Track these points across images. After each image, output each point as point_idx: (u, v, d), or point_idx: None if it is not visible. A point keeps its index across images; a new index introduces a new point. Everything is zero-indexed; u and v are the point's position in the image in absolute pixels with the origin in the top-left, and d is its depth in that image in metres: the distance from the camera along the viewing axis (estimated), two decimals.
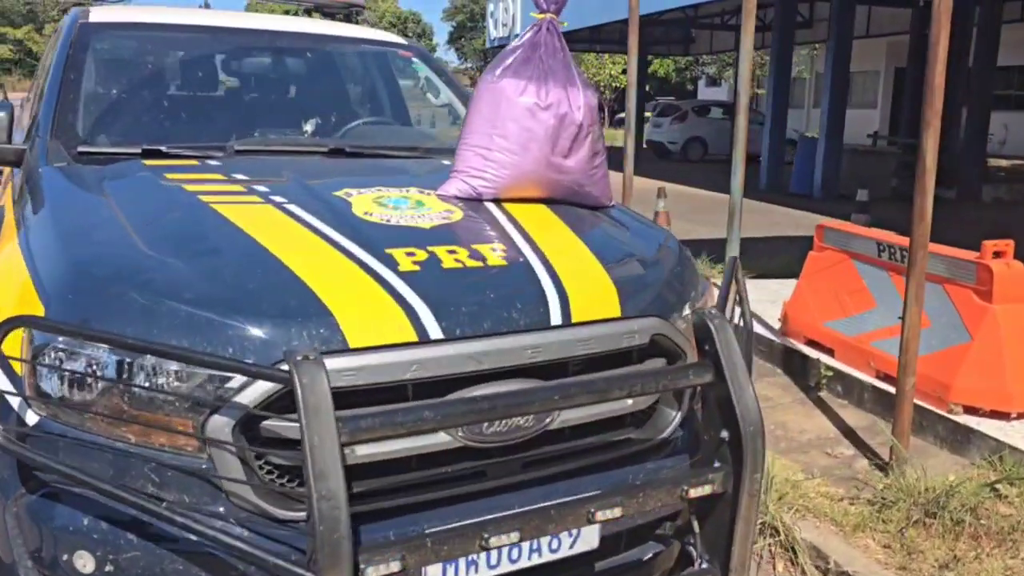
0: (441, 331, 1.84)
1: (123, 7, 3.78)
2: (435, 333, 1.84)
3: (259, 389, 1.68)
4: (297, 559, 1.63)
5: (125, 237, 2.04)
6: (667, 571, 2.26)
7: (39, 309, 1.84)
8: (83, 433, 1.76)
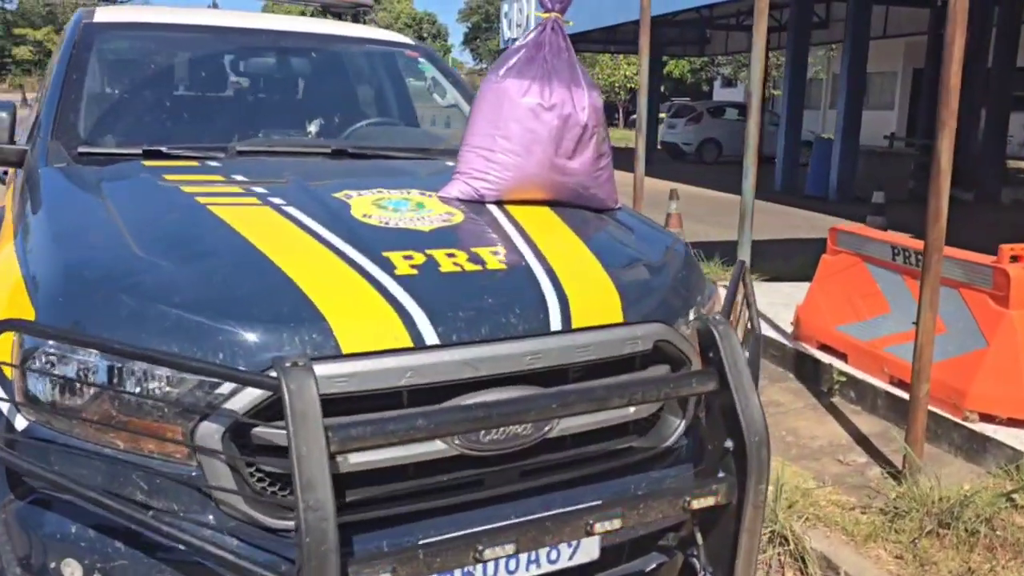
0: (437, 337, 1.80)
1: (130, 7, 3.77)
2: (431, 339, 1.80)
3: (249, 396, 1.65)
4: (287, 569, 1.59)
5: (119, 239, 2.01)
6: None
7: (30, 311, 1.81)
8: (72, 439, 1.73)
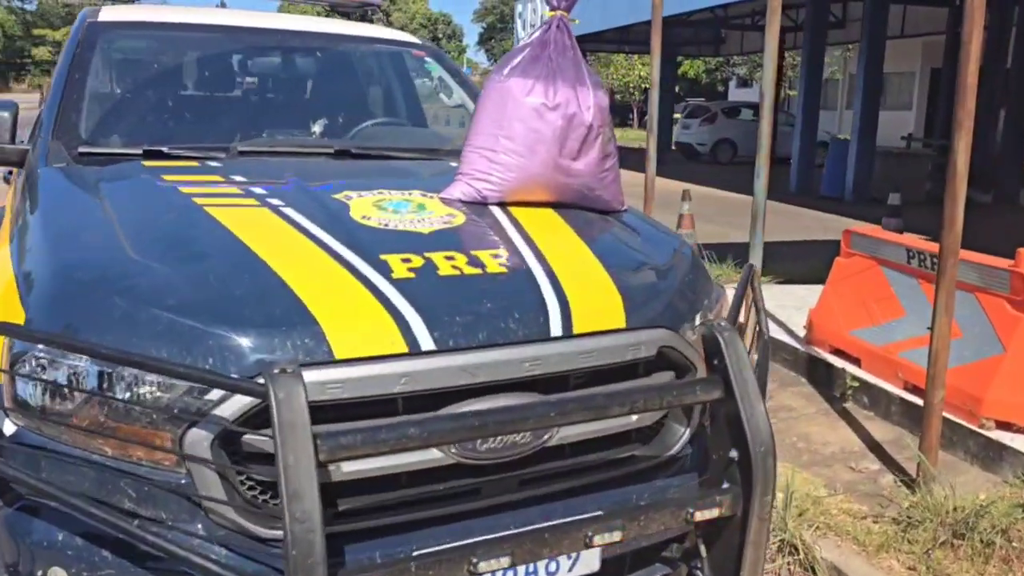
0: (433, 342, 1.76)
1: (137, 6, 3.75)
2: (427, 344, 1.75)
3: (238, 402, 1.60)
4: None
5: (113, 241, 1.98)
6: None
7: (20, 313, 1.78)
8: (60, 445, 1.70)
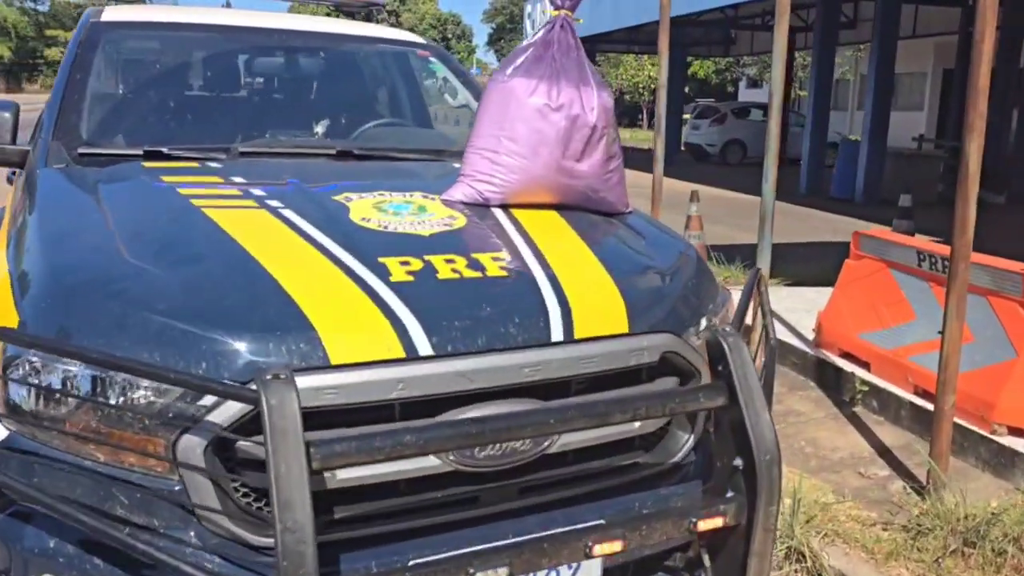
0: (431, 347, 1.72)
1: (142, 7, 3.73)
2: (424, 349, 1.72)
3: (231, 408, 1.57)
4: None
5: (109, 243, 1.96)
6: None
7: (14, 316, 1.75)
8: (52, 450, 1.67)
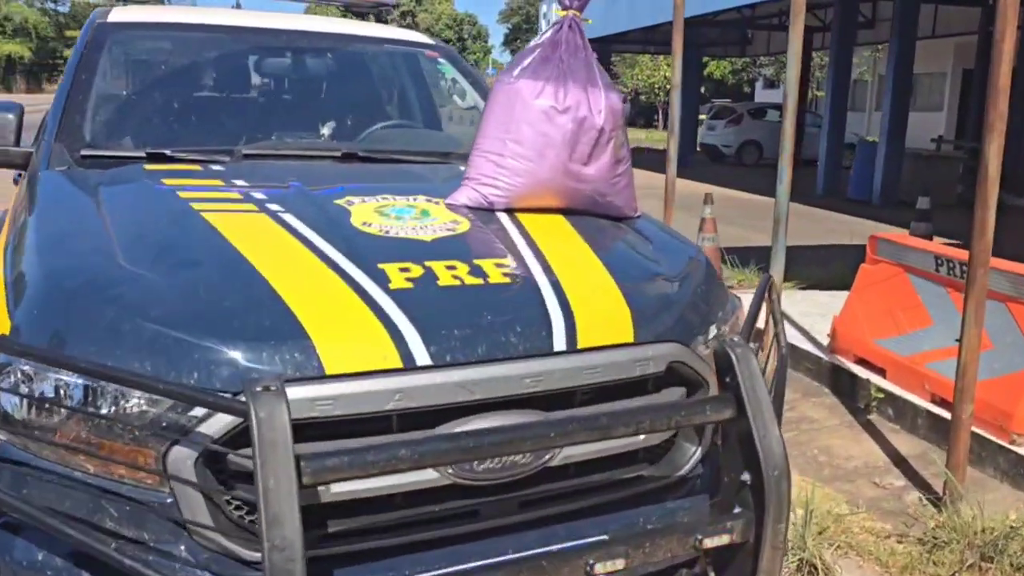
0: (429, 357, 1.68)
1: (150, 7, 3.71)
2: (422, 359, 1.67)
3: (222, 420, 1.53)
4: None
5: (105, 247, 1.92)
6: None
7: (6, 322, 1.73)
8: (42, 461, 1.64)
